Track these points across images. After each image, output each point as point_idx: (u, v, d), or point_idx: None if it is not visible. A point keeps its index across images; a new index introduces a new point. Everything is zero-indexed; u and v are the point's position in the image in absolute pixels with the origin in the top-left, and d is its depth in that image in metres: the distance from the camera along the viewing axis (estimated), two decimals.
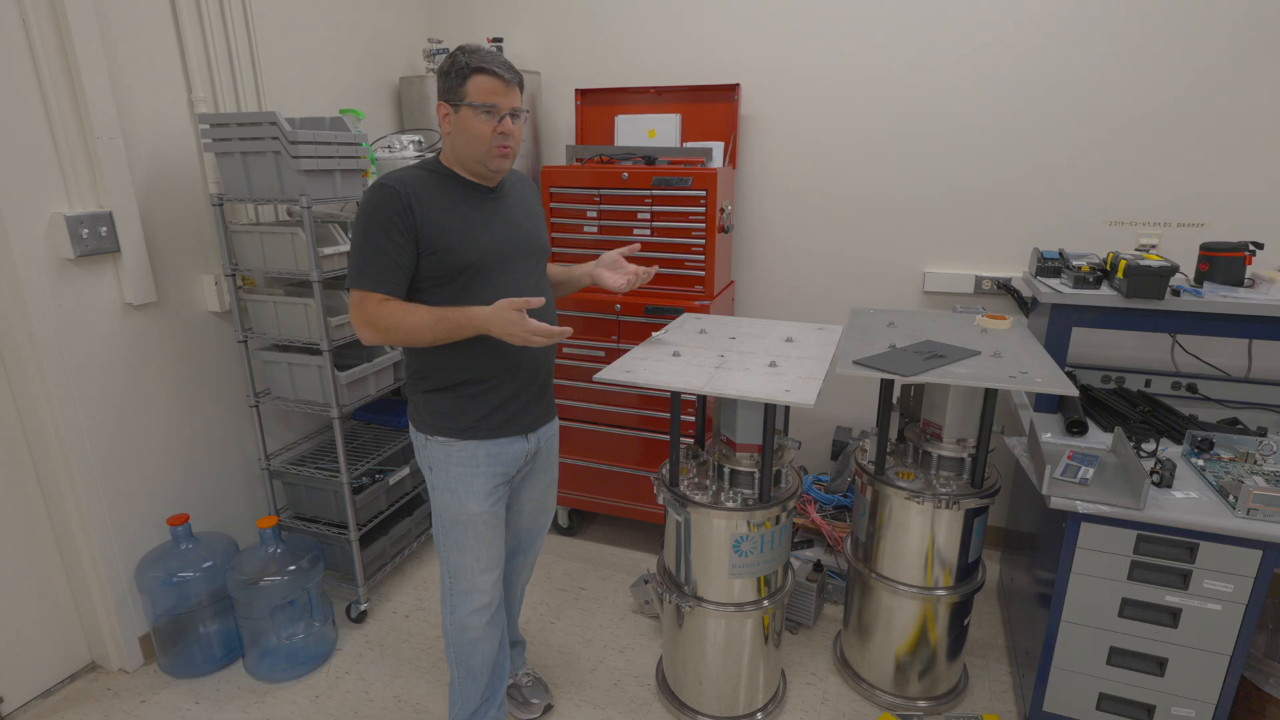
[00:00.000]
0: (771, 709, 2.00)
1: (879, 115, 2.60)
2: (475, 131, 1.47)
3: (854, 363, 1.75)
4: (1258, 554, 1.55)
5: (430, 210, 1.47)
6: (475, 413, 1.58)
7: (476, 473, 1.60)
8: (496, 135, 1.48)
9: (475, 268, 1.51)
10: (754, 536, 1.78)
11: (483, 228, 1.54)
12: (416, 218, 1.46)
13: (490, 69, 1.45)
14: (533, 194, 1.74)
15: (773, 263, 2.89)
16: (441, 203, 1.50)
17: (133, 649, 2.17)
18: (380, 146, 2.57)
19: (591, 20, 2.90)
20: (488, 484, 1.61)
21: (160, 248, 2.14)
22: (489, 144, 1.48)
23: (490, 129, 1.47)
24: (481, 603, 1.67)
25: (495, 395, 1.59)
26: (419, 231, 1.46)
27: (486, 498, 1.62)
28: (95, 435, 2.02)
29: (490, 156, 1.50)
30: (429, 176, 1.53)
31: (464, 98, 1.46)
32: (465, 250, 1.50)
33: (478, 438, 1.59)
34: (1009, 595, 2.36)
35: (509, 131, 1.49)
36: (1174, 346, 2.38)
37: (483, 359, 1.56)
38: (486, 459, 1.60)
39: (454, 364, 1.57)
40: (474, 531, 1.62)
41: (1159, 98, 2.28)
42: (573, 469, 2.77)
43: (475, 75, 1.45)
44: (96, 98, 1.89)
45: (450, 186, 1.53)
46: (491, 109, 1.46)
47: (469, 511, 1.61)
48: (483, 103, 1.45)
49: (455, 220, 1.50)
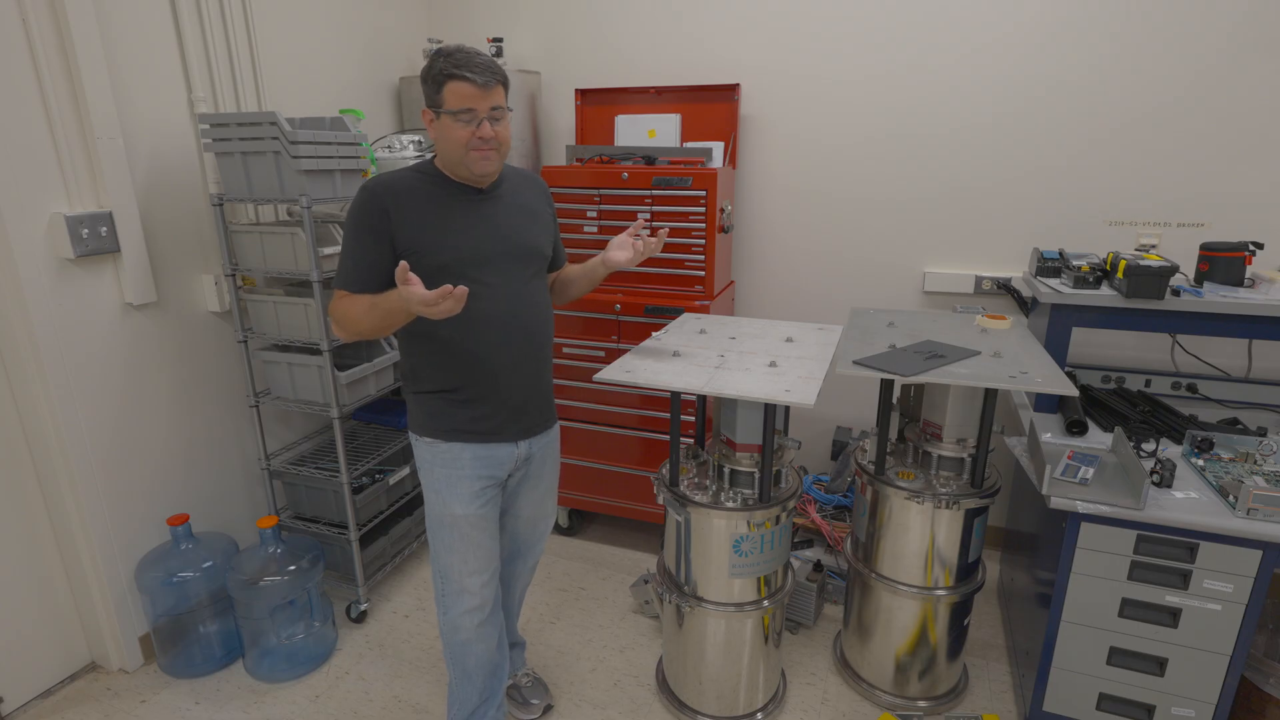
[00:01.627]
0: (771, 709, 2.01)
1: (879, 115, 2.60)
2: (454, 137, 1.46)
3: (854, 363, 1.75)
4: (1258, 554, 1.55)
5: (407, 212, 1.47)
6: (460, 416, 1.58)
7: (461, 475, 1.59)
8: (474, 140, 1.46)
9: (450, 270, 1.49)
10: (754, 536, 1.78)
11: (463, 230, 1.52)
12: (391, 220, 1.46)
13: (463, 75, 1.42)
14: (539, 196, 1.71)
15: (773, 263, 2.89)
16: (422, 205, 1.50)
17: (133, 649, 2.17)
18: (380, 146, 2.57)
19: (591, 20, 2.90)
20: (473, 487, 1.61)
21: (160, 248, 2.14)
22: (467, 148, 1.47)
23: (469, 134, 1.45)
24: (472, 604, 1.67)
25: (478, 405, 1.59)
26: (394, 233, 1.47)
27: (472, 500, 1.61)
28: (95, 435, 2.02)
29: (472, 160, 1.48)
30: (415, 179, 1.53)
31: (441, 104, 1.45)
32: (440, 252, 1.49)
33: (462, 440, 1.59)
34: (1009, 595, 2.36)
35: (487, 135, 1.46)
36: (1174, 346, 2.38)
37: (457, 369, 1.56)
38: (472, 462, 1.60)
39: (432, 369, 1.58)
40: (460, 534, 1.62)
41: (1159, 98, 2.28)
42: (573, 469, 2.77)
43: (450, 82, 1.43)
44: (96, 98, 1.89)
45: (436, 189, 1.53)
46: (469, 115, 1.45)
47: (454, 514, 1.61)
48: (459, 109, 1.44)
49: (432, 222, 1.50)
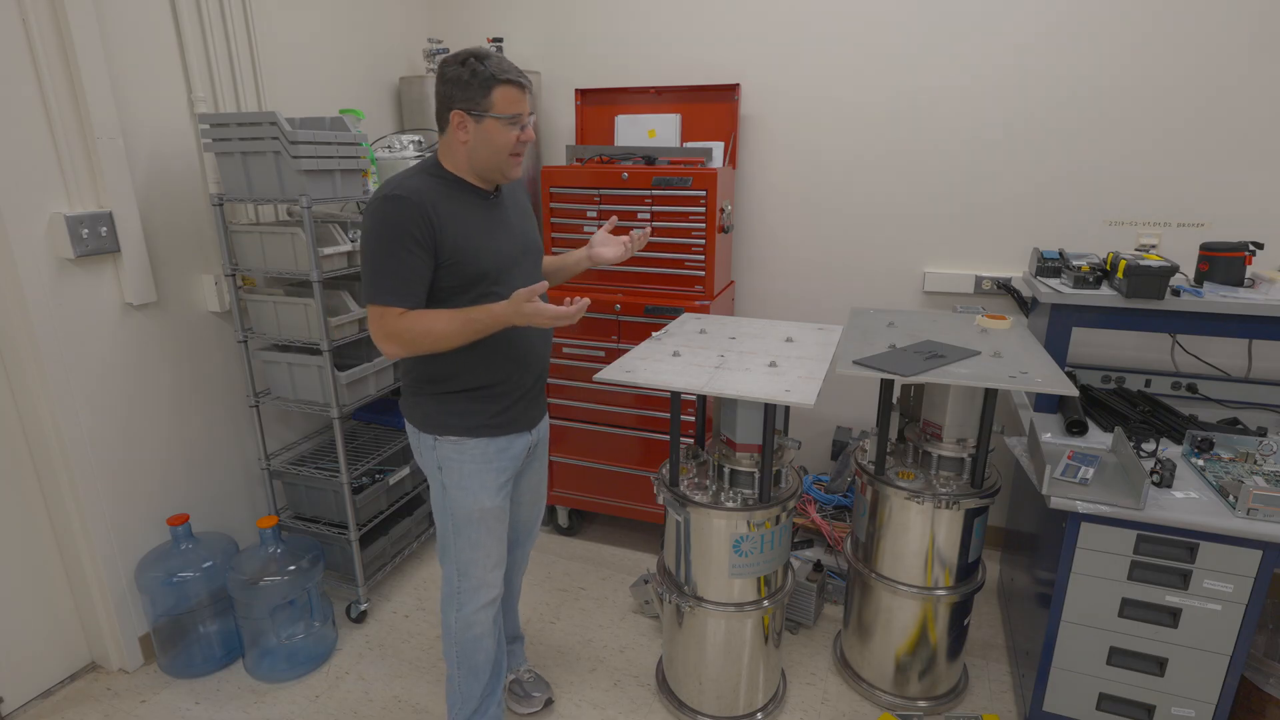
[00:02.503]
0: (771, 709, 2.01)
1: (879, 115, 2.60)
2: (500, 142, 1.48)
3: (854, 363, 1.75)
4: (1258, 554, 1.55)
5: (445, 220, 1.46)
6: (488, 411, 1.61)
7: (489, 468, 1.63)
8: (517, 144, 1.50)
9: (490, 276, 1.52)
10: (754, 536, 1.78)
11: (491, 234, 1.54)
12: (435, 229, 1.44)
13: (513, 79, 1.46)
14: (524, 192, 1.74)
15: (773, 263, 2.89)
16: (455, 211, 1.49)
17: (133, 649, 2.17)
18: (380, 146, 2.57)
19: (591, 20, 2.90)
20: (498, 479, 1.65)
21: (160, 248, 2.14)
22: (508, 152, 1.50)
23: (514, 138, 1.49)
24: (490, 598, 1.70)
25: (510, 394, 1.63)
26: (438, 243, 1.45)
27: (498, 492, 1.65)
28: (95, 435, 2.02)
29: (509, 165, 1.53)
30: (437, 184, 1.50)
31: (489, 109, 1.45)
32: (481, 259, 1.51)
33: (488, 435, 1.62)
34: (1009, 595, 2.36)
35: (530, 139, 1.52)
36: (1174, 346, 2.38)
37: (503, 360, 1.59)
38: (497, 454, 1.64)
39: (479, 367, 1.58)
40: (486, 527, 1.65)
41: (1159, 98, 2.28)
42: (573, 469, 2.77)
43: (501, 86, 1.44)
44: (96, 98, 1.89)
45: (456, 193, 1.52)
46: (516, 119, 1.48)
47: (484, 507, 1.63)
48: (509, 114, 1.46)
49: (468, 229, 1.50)
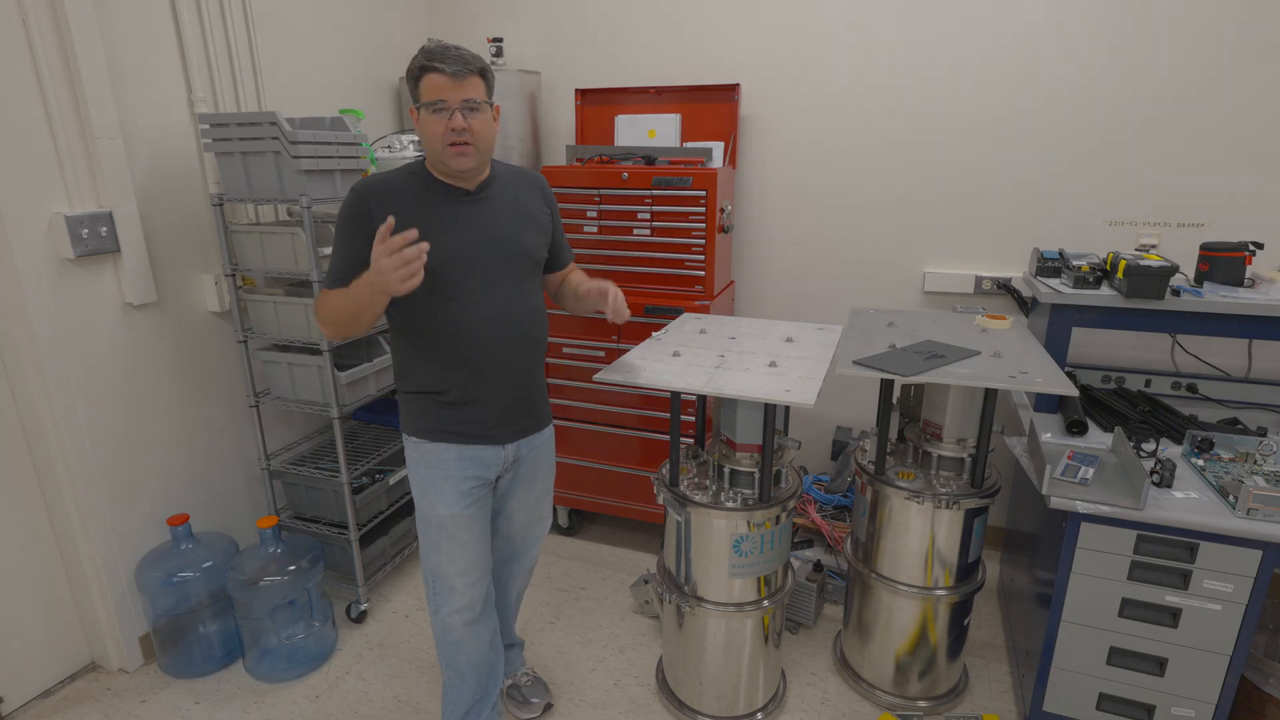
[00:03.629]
0: (771, 709, 2.01)
1: (879, 115, 2.60)
2: (430, 131, 1.45)
3: (854, 363, 1.75)
4: (1258, 554, 1.55)
5: (388, 211, 1.42)
6: (447, 418, 1.58)
7: (447, 475, 1.59)
8: (448, 132, 1.43)
9: (433, 272, 1.44)
10: (754, 536, 1.78)
11: (446, 231, 1.49)
12: (374, 220, 1.42)
13: (435, 66, 1.41)
14: (535, 196, 1.68)
15: (772, 263, 2.89)
16: (406, 205, 1.48)
17: (133, 649, 2.17)
18: (380, 146, 2.57)
19: (591, 20, 2.90)
20: (459, 487, 1.60)
21: (160, 248, 2.14)
22: (442, 142, 1.45)
23: (442, 127, 1.43)
24: (460, 604, 1.66)
25: (465, 407, 1.58)
26: (371, 232, 1.42)
27: (458, 501, 1.60)
28: (95, 435, 2.02)
29: (449, 156, 1.46)
30: (404, 179, 1.53)
31: (419, 98, 1.45)
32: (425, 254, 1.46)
33: (448, 441, 1.59)
34: (1009, 595, 2.36)
35: (459, 127, 1.43)
36: (1174, 346, 2.38)
37: (443, 371, 1.55)
38: (457, 462, 1.59)
39: (419, 370, 1.57)
40: (446, 534, 1.61)
41: (1159, 98, 2.28)
42: (573, 469, 2.77)
43: (425, 75, 1.43)
44: (96, 98, 1.89)
45: (423, 189, 1.52)
46: (440, 106, 1.43)
47: (438, 513, 1.60)
48: (431, 101, 1.43)
49: (415, 223, 1.43)
